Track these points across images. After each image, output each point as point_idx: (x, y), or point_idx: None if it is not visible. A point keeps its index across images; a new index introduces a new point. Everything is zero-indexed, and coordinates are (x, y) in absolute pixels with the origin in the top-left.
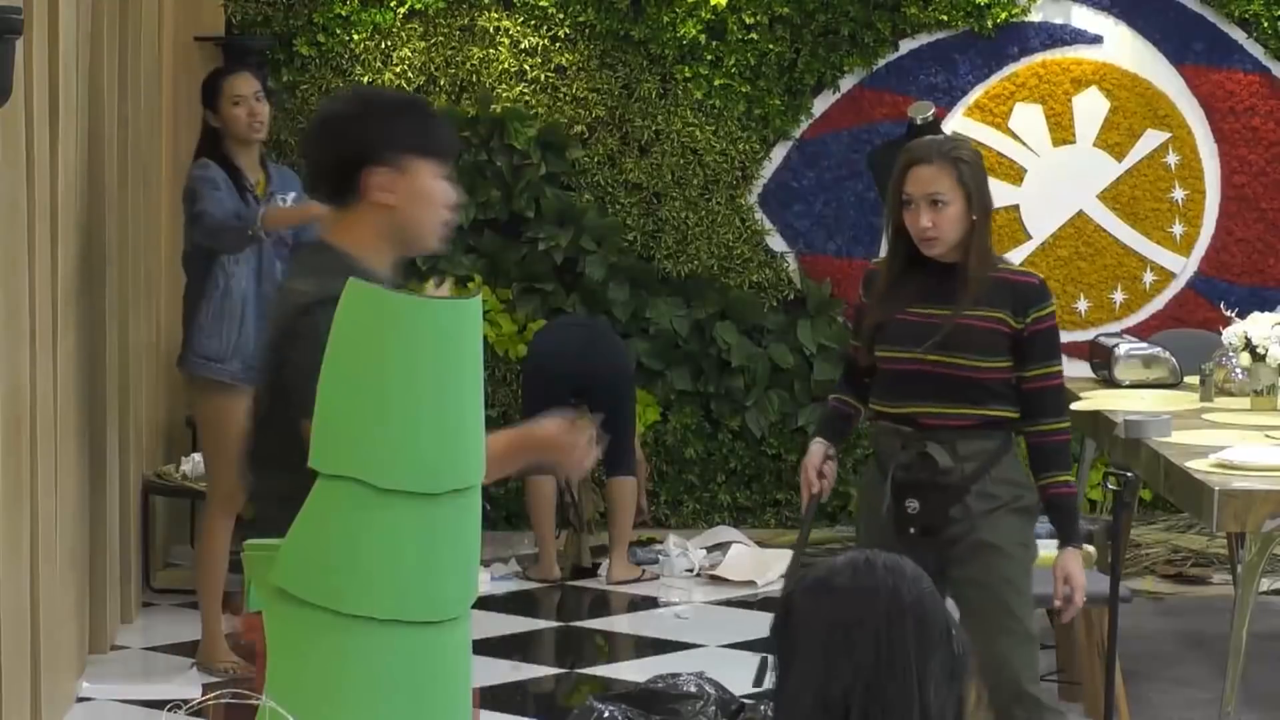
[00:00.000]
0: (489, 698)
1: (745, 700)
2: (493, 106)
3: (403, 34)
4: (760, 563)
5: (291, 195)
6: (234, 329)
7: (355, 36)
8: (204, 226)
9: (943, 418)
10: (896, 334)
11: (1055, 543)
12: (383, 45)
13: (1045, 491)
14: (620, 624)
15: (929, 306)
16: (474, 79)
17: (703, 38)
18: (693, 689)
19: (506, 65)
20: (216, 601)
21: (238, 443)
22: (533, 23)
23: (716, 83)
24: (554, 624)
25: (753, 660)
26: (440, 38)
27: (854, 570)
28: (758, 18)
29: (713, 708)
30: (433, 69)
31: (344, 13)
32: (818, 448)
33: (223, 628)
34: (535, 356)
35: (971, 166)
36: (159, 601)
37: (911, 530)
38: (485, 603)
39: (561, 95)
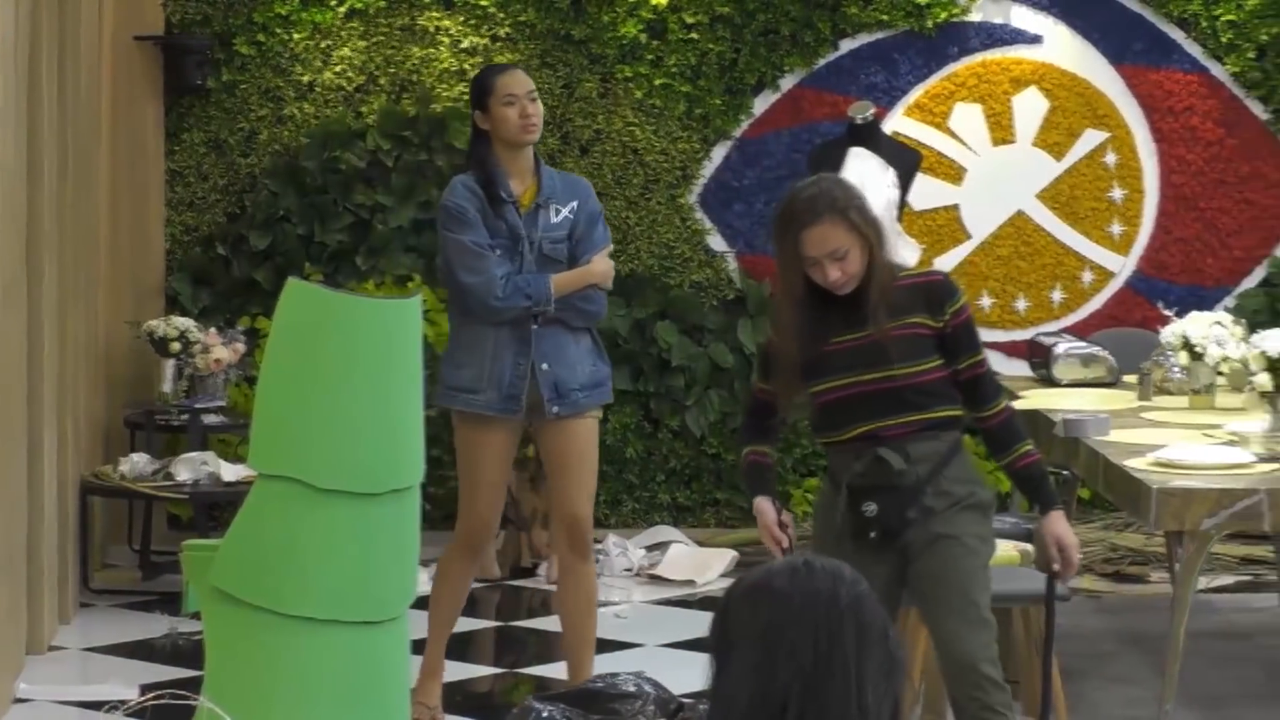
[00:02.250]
0: None
1: (684, 700)
2: (433, 106)
3: (343, 33)
4: (699, 562)
5: (571, 205)
6: (486, 357)
7: (295, 36)
8: (476, 302)
9: (892, 428)
10: (829, 366)
11: (1012, 542)
12: (323, 44)
13: (1012, 467)
14: (559, 623)
15: (850, 333)
16: (414, 78)
17: (643, 37)
18: (631, 688)
19: (447, 65)
20: (442, 642)
21: (493, 477)
22: (473, 22)
23: (657, 82)
24: (493, 623)
25: (692, 659)
26: (380, 37)
27: (793, 573)
28: (698, 17)
29: (651, 707)
30: (373, 68)
31: (284, 12)
32: (766, 505)
33: (442, 668)
34: None
35: (855, 207)
36: (97, 602)
37: (871, 534)
38: (424, 602)
39: None
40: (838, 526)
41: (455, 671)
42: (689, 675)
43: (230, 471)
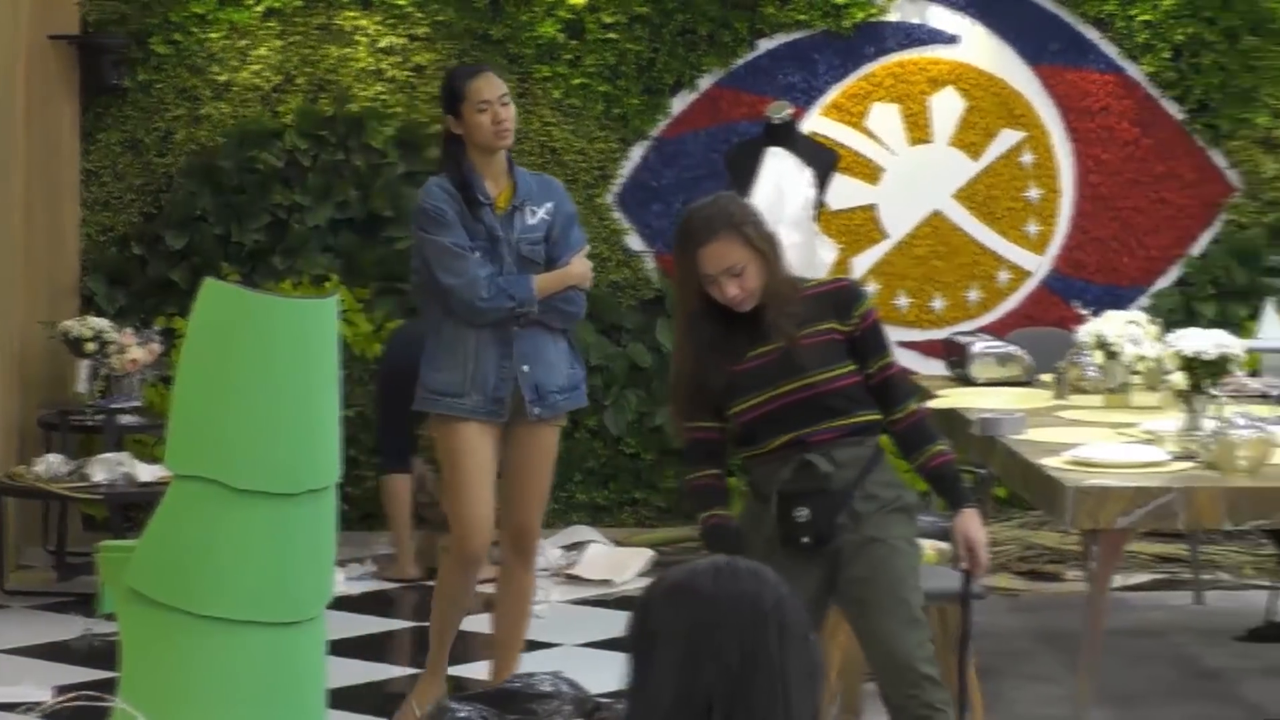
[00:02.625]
0: (344, 698)
1: (601, 699)
2: (350, 105)
3: (260, 33)
4: (617, 562)
5: (546, 206)
6: (469, 359)
7: (212, 35)
8: (460, 304)
9: (817, 434)
10: (746, 384)
11: (929, 542)
12: (240, 44)
13: (925, 467)
14: (477, 623)
15: (760, 347)
16: (331, 78)
17: (561, 37)
18: (548, 688)
19: (364, 64)
20: (444, 656)
21: (482, 480)
22: (391, 21)
23: (575, 82)
24: (410, 624)
25: (609, 659)
26: (298, 36)
27: (717, 574)
28: (616, 17)
29: (568, 706)
30: (290, 68)
31: (201, 11)
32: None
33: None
34: (391, 356)
35: (750, 222)
36: (11, 604)
37: (804, 540)
38: (341, 603)
39: (420, 94)
40: (766, 536)
41: (373, 672)
42: (606, 675)
43: (146, 472)
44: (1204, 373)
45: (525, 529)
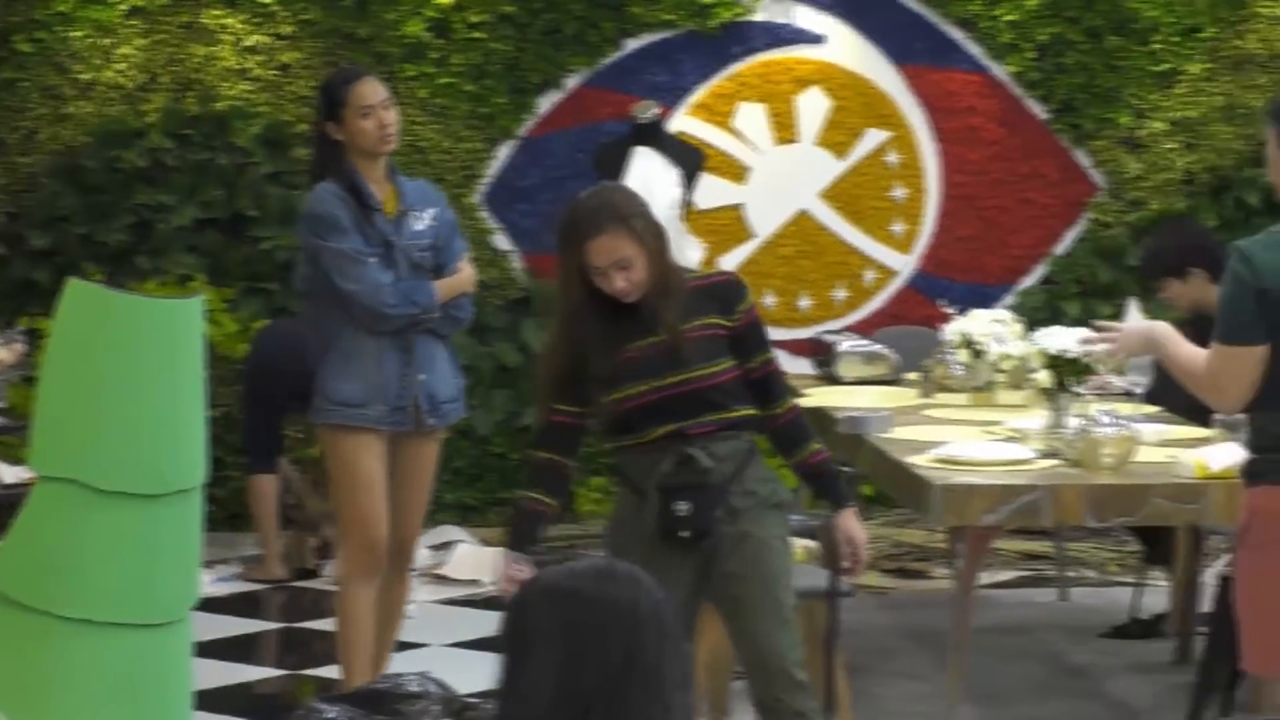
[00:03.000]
0: (211, 700)
1: (469, 699)
2: (215, 104)
3: (124, 31)
4: (485, 562)
5: (430, 212)
6: (371, 369)
7: (76, 33)
8: (365, 311)
9: (695, 428)
10: (628, 374)
11: (802, 541)
12: (104, 42)
13: (803, 465)
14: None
15: (643, 338)
16: (197, 77)
17: (428, 36)
18: (416, 689)
19: (229, 63)
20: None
21: (379, 488)
22: (256, 20)
23: (442, 81)
24: (277, 625)
25: (477, 659)
26: (162, 35)
27: (597, 576)
28: (483, 16)
29: (436, 706)
30: (155, 67)
31: (64, 9)
32: (508, 560)
33: None
34: (258, 356)
35: (638, 216)
36: None
37: (683, 534)
38: (207, 604)
39: (285, 93)
40: (643, 529)
41: (239, 674)
42: (474, 675)
43: (10, 473)
44: (1068, 371)
45: (407, 540)
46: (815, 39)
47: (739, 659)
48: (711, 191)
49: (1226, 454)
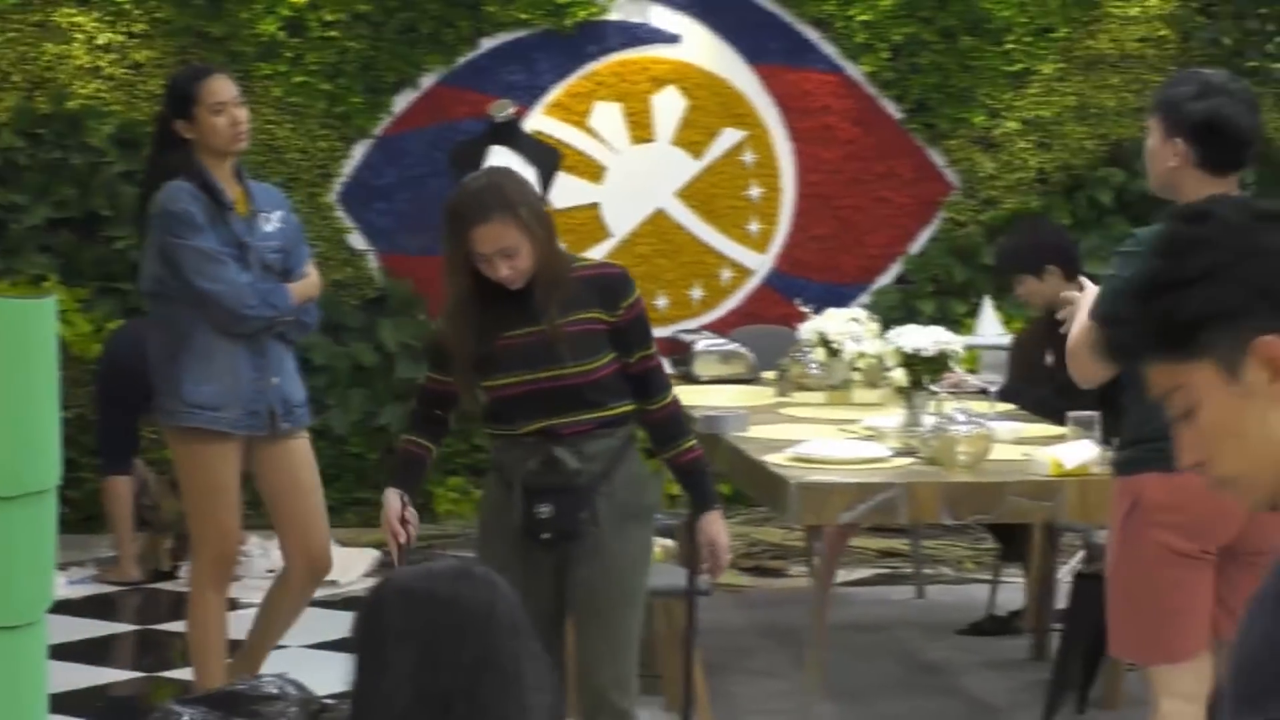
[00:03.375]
0: (66, 703)
1: (326, 700)
2: (68, 103)
3: None
4: (342, 562)
5: (278, 214)
6: (226, 372)
7: None
8: (224, 312)
9: (567, 426)
10: (502, 362)
11: (661, 540)
12: None
13: (675, 461)
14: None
15: (524, 327)
16: (49, 75)
17: (282, 35)
18: (274, 690)
19: (82, 61)
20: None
21: (233, 494)
22: (109, 19)
23: (296, 80)
24: (133, 627)
25: (334, 660)
26: (13, 33)
27: (452, 577)
28: (338, 15)
29: (294, 708)
30: (5, 65)
31: None
32: (394, 498)
33: None
34: (111, 357)
35: (525, 204)
36: None
37: (545, 535)
38: (62, 606)
39: (139, 92)
40: (509, 524)
41: (94, 676)
42: (331, 675)
43: None
44: (924, 369)
45: (321, 551)
46: (671, 39)
47: (573, 669)
48: (568, 190)
49: (1080, 451)
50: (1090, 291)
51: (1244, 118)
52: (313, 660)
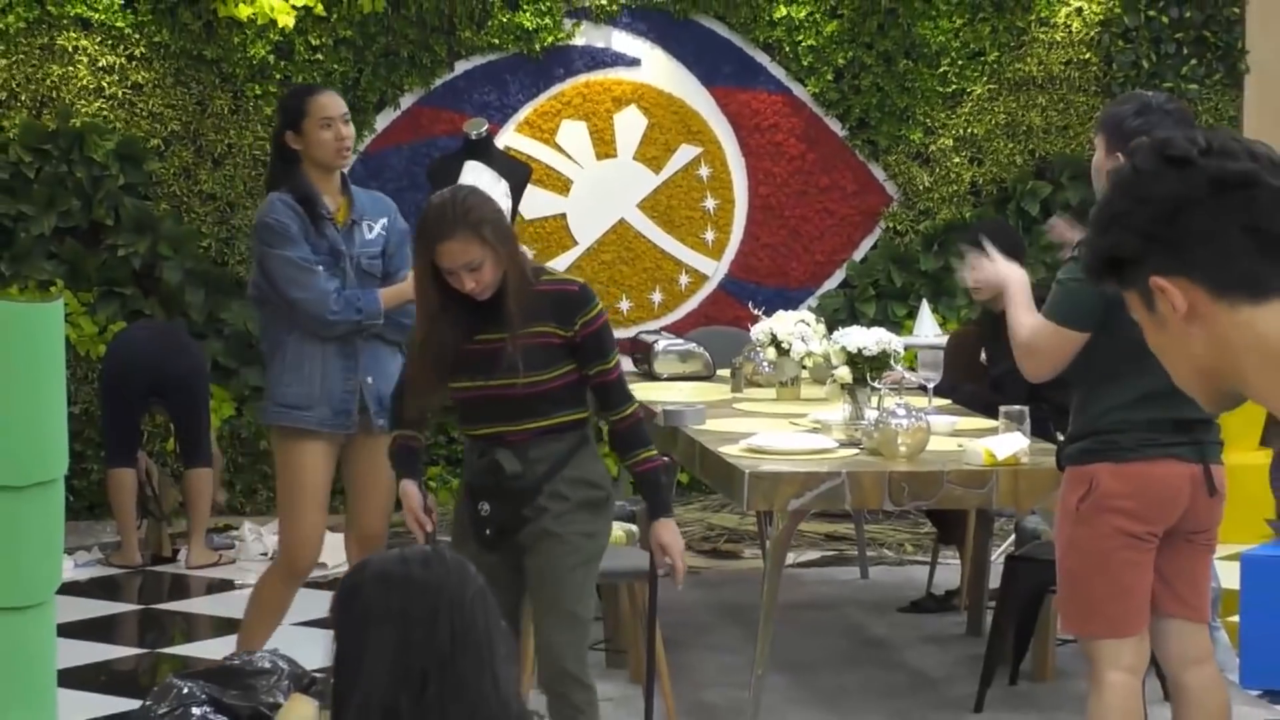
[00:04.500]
0: (73, 678)
1: (315, 674)
2: (72, 121)
3: None
4: (330, 546)
5: (381, 222)
6: (315, 373)
7: None
8: (310, 318)
9: (515, 433)
10: (464, 366)
11: (619, 524)
12: None
13: (634, 469)
14: (199, 605)
15: (486, 333)
16: (54, 95)
17: (271, 58)
18: (267, 665)
19: (85, 82)
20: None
21: (318, 495)
22: (110, 42)
23: None
24: (136, 607)
25: (322, 637)
26: (21, 56)
27: (426, 562)
28: (323, 40)
29: (285, 681)
30: (14, 85)
31: None
32: (412, 489)
33: None
34: (114, 356)
35: (489, 221)
36: None
37: (487, 532)
38: (69, 588)
39: (139, 110)
40: (464, 518)
41: (100, 653)
42: (319, 651)
43: None
44: (867, 367)
45: (374, 535)
46: (632, 62)
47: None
48: (538, 202)
49: (1011, 443)
50: (1006, 268)
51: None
52: (302, 637)
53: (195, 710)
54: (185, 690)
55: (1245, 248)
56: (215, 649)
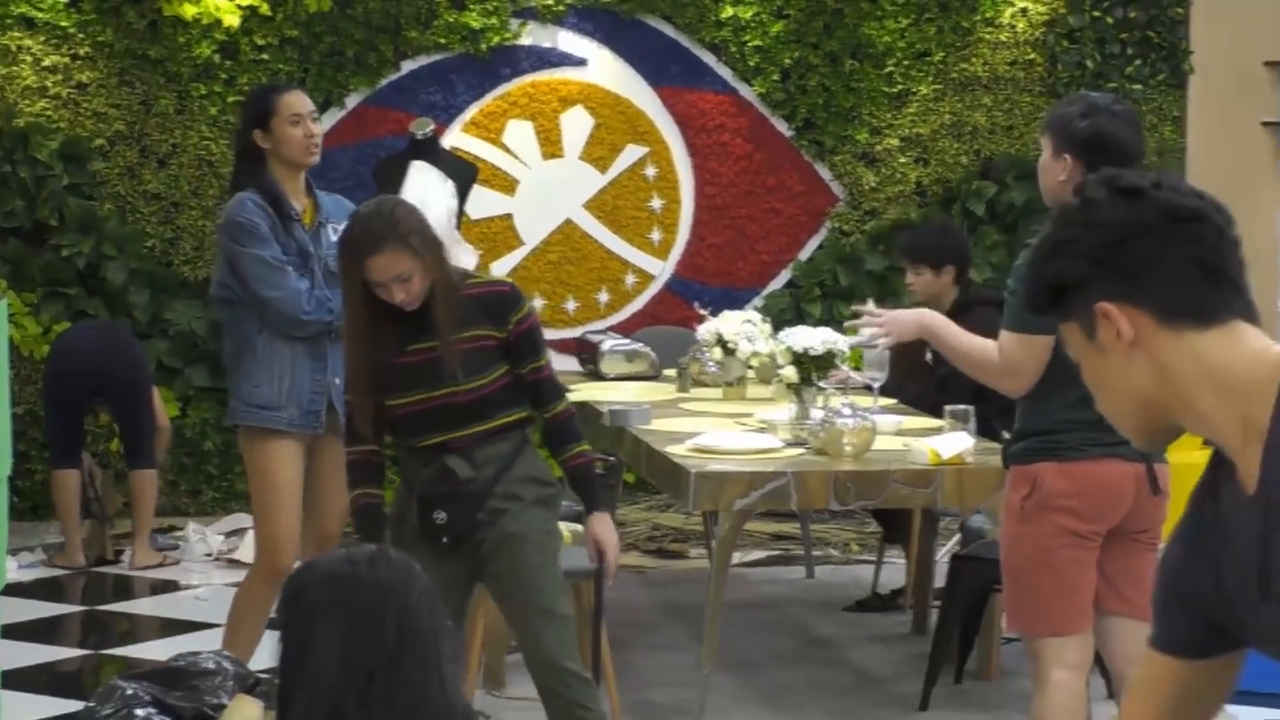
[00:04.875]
0: (17, 679)
1: (260, 675)
2: (16, 121)
3: None
4: None
5: (345, 225)
6: (285, 373)
7: None
8: (282, 317)
9: (461, 439)
10: (399, 381)
11: (564, 524)
12: None
13: (566, 465)
14: (143, 606)
15: (417, 343)
16: None
17: (217, 58)
18: (212, 666)
19: (29, 82)
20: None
21: (292, 495)
22: (54, 42)
23: (231, 100)
24: (80, 608)
25: (267, 638)
26: None
27: (372, 561)
28: (268, 39)
29: (231, 683)
30: None
31: None
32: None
33: None
34: (58, 357)
35: (416, 231)
36: None
37: (443, 539)
38: (12, 589)
39: (83, 110)
40: (412, 528)
41: (44, 654)
42: (264, 652)
43: None
44: (812, 367)
45: (331, 536)
46: (578, 62)
47: (521, 652)
48: (484, 202)
49: (956, 442)
50: (907, 317)
51: (1126, 134)
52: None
53: (139, 711)
54: (129, 691)
55: (1191, 276)
56: (160, 650)
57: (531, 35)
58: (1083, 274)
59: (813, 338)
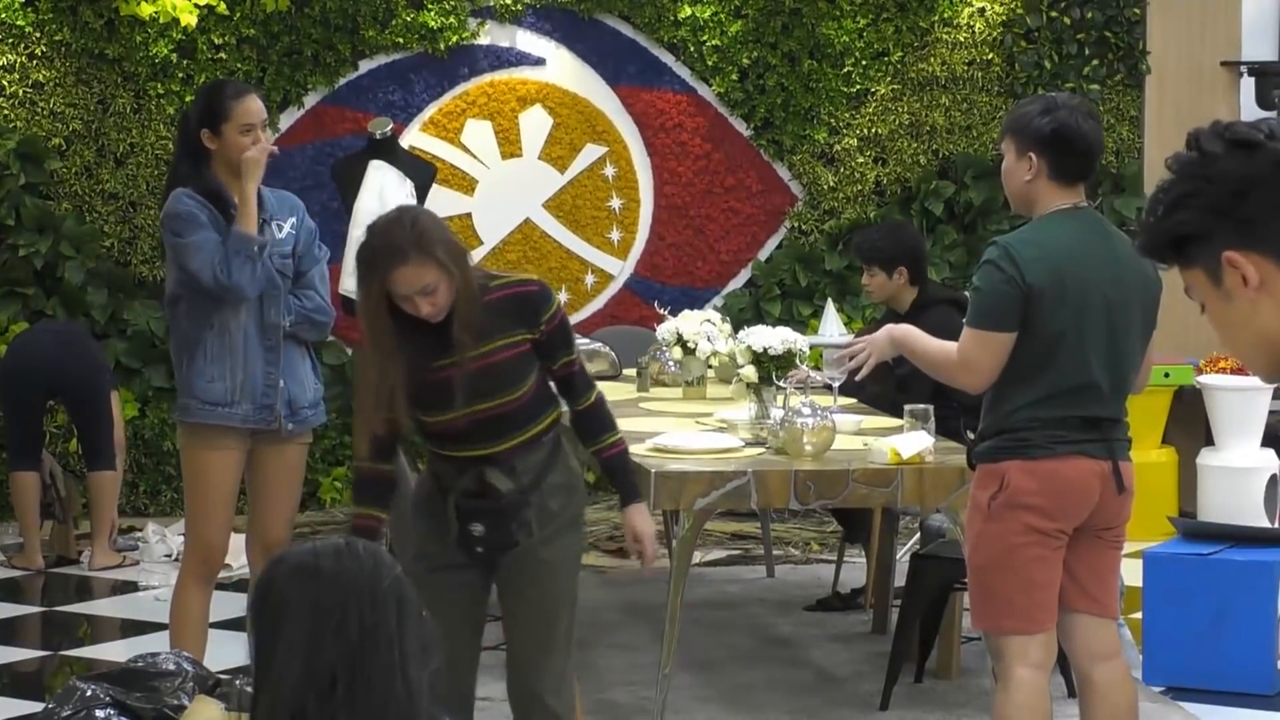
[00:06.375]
0: None
1: (220, 676)
2: None
3: None
4: (235, 547)
5: (290, 221)
6: (239, 369)
7: None
8: (211, 279)
9: (502, 452)
10: (430, 398)
11: None
12: None
13: (600, 454)
14: (102, 607)
15: (447, 357)
16: None
17: (174, 57)
18: (171, 667)
19: None
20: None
21: (229, 495)
22: (10, 41)
23: (188, 99)
24: (39, 609)
25: (228, 638)
26: None
27: (338, 555)
28: (226, 38)
29: (190, 684)
30: None
31: None
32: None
33: None
34: (14, 358)
35: (439, 241)
36: None
37: (479, 550)
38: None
39: (39, 109)
40: (442, 524)
41: (2, 655)
42: (225, 653)
43: None
44: (772, 366)
45: (277, 543)
46: (537, 61)
47: (507, 666)
48: (443, 202)
49: (916, 441)
50: (887, 330)
51: (1088, 126)
52: (208, 638)
53: (99, 713)
54: (89, 693)
55: None
56: (119, 651)
57: (490, 35)
58: (1207, 226)
59: (772, 337)
